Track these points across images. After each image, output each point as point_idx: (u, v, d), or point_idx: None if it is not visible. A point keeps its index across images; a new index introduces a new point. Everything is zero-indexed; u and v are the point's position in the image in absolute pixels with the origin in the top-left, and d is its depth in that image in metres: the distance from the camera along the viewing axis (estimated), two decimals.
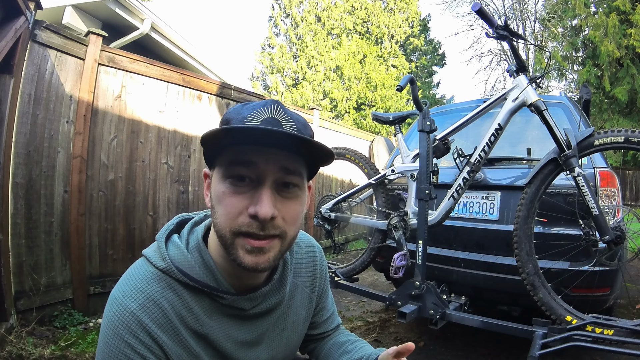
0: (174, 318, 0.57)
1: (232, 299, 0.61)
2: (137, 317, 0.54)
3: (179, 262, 0.59)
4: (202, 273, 0.60)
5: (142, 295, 0.56)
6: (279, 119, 0.55)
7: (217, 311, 0.61)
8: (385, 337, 2.34)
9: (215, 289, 0.60)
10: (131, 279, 0.59)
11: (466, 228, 2.01)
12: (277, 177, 0.55)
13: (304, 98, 15.03)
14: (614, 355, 1.89)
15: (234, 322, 0.63)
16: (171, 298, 0.57)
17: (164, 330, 0.56)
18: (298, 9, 16.92)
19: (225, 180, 0.55)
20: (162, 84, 2.90)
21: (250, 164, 0.54)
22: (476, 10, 1.54)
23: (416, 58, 18.39)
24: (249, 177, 0.54)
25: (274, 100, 0.58)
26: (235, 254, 0.55)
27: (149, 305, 0.56)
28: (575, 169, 1.48)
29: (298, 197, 0.59)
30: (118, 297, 0.56)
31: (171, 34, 4.43)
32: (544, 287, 1.53)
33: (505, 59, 15.42)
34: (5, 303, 1.85)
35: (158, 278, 0.58)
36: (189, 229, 0.66)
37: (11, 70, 1.93)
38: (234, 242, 0.55)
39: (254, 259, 0.55)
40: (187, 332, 0.58)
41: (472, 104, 2.43)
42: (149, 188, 2.80)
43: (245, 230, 0.54)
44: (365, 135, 6.45)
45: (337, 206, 2.32)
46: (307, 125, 0.60)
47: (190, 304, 0.59)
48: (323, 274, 0.82)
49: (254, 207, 0.53)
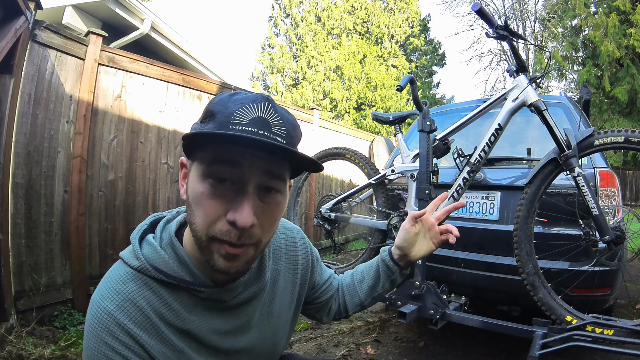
0: (153, 316, 0.56)
1: (210, 292, 0.60)
2: (115, 317, 0.54)
3: (153, 259, 0.58)
4: (178, 269, 0.59)
5: (119, 296, 0.55)
6: (268, 119, 0.53)
7: (197, 305, 0.60)
8: (385, 337, 2.34)
9: (192, 284, 0.59)
10: (108, 281, 0.58)
11: (466, 228, 2.01)
12: (261, 181, 0.53)
13: (304, 98, 15.03)
14: (614, 355, 1.89)
15: (216, 315, 0.63)
16: (148, 296, 0.57)
17: (143, 329, 0.55)
18: (298, 9, 16.93)
19: (205, 180, 0.53)
20: (162, 84, 2.90)
21: (234, 164, 0.52)
22: (476, 10, 1.54)
23: (416, 58, 18.40)
24: (231, 179, 0.52)
25: (264, 96, 0.55)
26: (210, 256, 0.55)
27: (126, 305, 0.55)
28: (575, 169, 1.48)
29: (279, 204, 0.57)
30: (96, 300, 0.56)
31: (171, 34, 4.43)
32: (544, 287, 1.53)
33: (505, 59, 15.42)
34: (5, 303, 1.85)
35: (134, 277, 0.57)
36: (162, 227, 0.65)
37: (11, 70, 1.93)
38: (209, 245, 0.54)
39: (227, 264, 0.54)
40: (168, 329, 0.58)
41: (472, 104, 2.43)
42: (149, 188, 2.80)
43: (222, 237, 0.53)
44: (365, 135, 6.45)
45: (337, 206, 2.31)
46: (296, 125, 0.58)
47: (169, 300, 0.58)
48: (307, 254, 0.80)
49: (233, 214, 0.51)
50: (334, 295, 0.89)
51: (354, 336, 2.34)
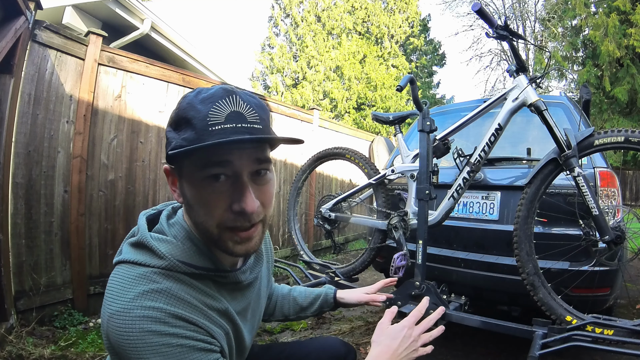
0: (199, 305, 0.58)
1: (232, 275, 0.66)
2: (169, 311, 0.53)
3: (178, 255, 0.60)
4: (201, 260, 0.62)
5: (162, 294, 0.54)
6: (241, 111, 0.56)
7: (221, 288, 0.65)
8: None
9: (217, 270, 0.63)
10: (132, 287, 0.55)
11: (466, 228, 2.01)
12: (252, 169, 0.58)
13: (304, 98, 15.03)
14: (614, 355, 1.89)
15: (235, 296, 0.68)
16: (186, 289, 0.58)
17: (199, 316, 0.57)
18: (298, 9, 16.92)
19: (203, 181, 0.55)
20: (162, 84, 2.90)
21: (226, 163, 0.55)
22: (476, 10, 1.54)
23: (416, 58, 18.39)
24: (225, 174, 0.56)
25: (228, 90, 0.57)
26: (225, 246, 0.58)
27: (173, 300, 0.55)
28: (575, 169, 1.48)
29: (270, 180, 0.62)
30: (131, 310, 0.52)
31: (171, 34, 4.43)
32: (544, 287, 1.53)
33: (505, 59, 15.42)
34: (5, 303, 1.85)
35: (164, 276, 0.57)
36: (166, 224, 0.65)
37: (11, 70, 1.93)
38: (221, 236, 0.58)
39: (244, 247, 0.59)
40: (214, 313, 0.61)
41: (472, 104, 2.43)
42: (149, 188, 2.80)
43: (232, 225, 0.57)
44: (365, 135, 6.45)
45: (337, 206, 2.31)
46: (263, 106, 0.61)
47: (202, 289, 0.61)
48: (268, 244, 0.89)
49: (238, 204, 0.55)
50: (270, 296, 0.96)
51: (354, 336, 2.34)
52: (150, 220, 0.67)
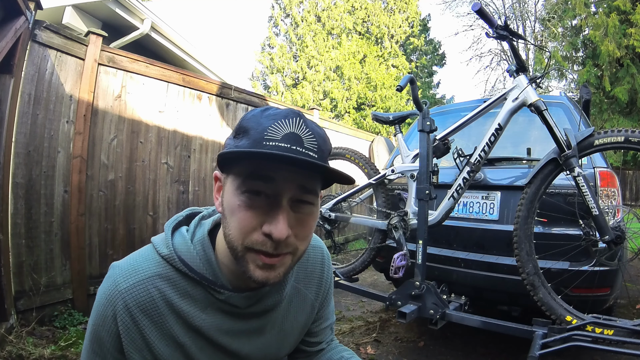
0: (162, 304, 0.58)
1: (228, 295, 0.61)
2: (122, 296, 0.57)
3: (181, 252, 0.61)
4: (202, 266, 0.61)
5: (135, 276, 0.59)
6: (300, 134, 0.54)
7: (212, 305, 0.62)
8: (385, 337, 2.34)
9: (212, 283, 0.61)
10: (133, 258, 0.61)
11: (466, 228, 2.01)
12: (294, 195, 0.54)
13: (304, 98, 15.03)
14: (614, 355, 1.89)
15: (229, 320, 0.64)
16: (162, 286, 0.59)
17: (146, 314, 0.58)
18: (298, 9, 16.92)
19: (241, 194, 0.54)
20: (162, 84, 2.90)
21: (269, 179, 0.53)
22: (476, 10, 1.54)
23: (416, 58, 18.39)
24: (265, 193, 0.53)
25: (296, 112, 0.56)
26: (246, 267, 0.55)
27: (137, 287, 0.58)
28: (575, 169, 1.48)
29: (312, 214, 0.58)
30: (114, 274, 0.59)
31: (171, 34, 4.43)
32: (544, 287, 1.53)
33: (505, 59, 15.42)
34: (5, 303, 1.85)
35: (158, 264, 0.60)
36: (196, 223, 0.67)
37: (11, 70, 1.93)
38: (244, 255, 0.55)
39: (264, 274, 0.55)
40: (175, 320, 0.59)
41: (472, 104, 2.43)
42: (149, 188, 2.80)
43: (258, 248, 0.54)
44: (365, 135, 6.45)
45: (337, 206, 2.32)
46: (326, 139, 0.59)
47: (186, 294, 0.60)
48: (328, 281, 0.80)
49: (268, 226, 0.53)
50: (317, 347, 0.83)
51: (354, 336, 2.34)
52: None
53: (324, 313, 0.82)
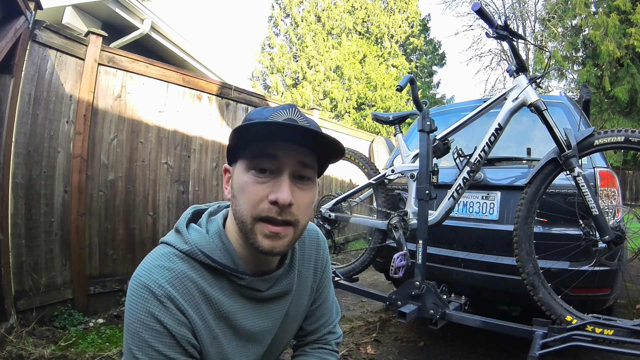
0: (198, 296, 0.62)
1: (249, 280, 0.66)
2: (165, 289, 0.59)
3: (201, 245, 0.65)
4: (222, 256, 0.66)
5: (169, 272, 0.61)
6: (296, 119, 0.63)
7: (236, 292, 0.67)
8: (385, 337, 2.34)
9: (234, 270, 0.65)
10: (153, 260, 0.63)
11: (466, 228, 2.01)
12: (295, 170, 0.62)
13: (304, 98, 15.03)
14: (614, 355, 1.89)
15: (251, 305, 0.69)
16: (194, 277, 0.62)
17: (190, 305, 0.61)
18: (298, 9, 16.92)
19: (249, 172, 0.62)
20: (162, 84, 2.90)
21: (273, 157, 0.61)
22: (476, 10, 1.54)
23: (416, 58, 18.39)
24: (270, 169, 0.61)
25: (291, 104, 0.66)
26: (254, 238, 0.61)
27: (176, 281, 0.60)
28: (575, 168, 1.48)
29: (311, 189, 0.66)
30: (142, 275, 0.60)
31: (171, 34, 4.43)
32: (544, 287, 1.53)
33: (505, 59, 15.42)
34: (5, 303, 1.85)
35: (182, 259, 0.63)
36: (207, 219, 0.71)
37: (11, 70, 1.93)
38: (253, 227, 0.61)
39: (271, 243, 0.61)
40: (209, 311, 0.63)
41: (472, 104, 2.43)
42: (149, 188, 2.80)
43: (265, 215, 0.60)
44: (365, 135, 6.45)
45: (337, 206, 2.31)
46: (318, 127, 0.67)
47: (212, 284, 0.64)
48: (324, 260, 0.85)
49: (274, 194, 0.60)
50: (307, 336, 0.86)
51: (354, 336, 2.34)
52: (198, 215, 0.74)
53: (322, 293, 0.86)
